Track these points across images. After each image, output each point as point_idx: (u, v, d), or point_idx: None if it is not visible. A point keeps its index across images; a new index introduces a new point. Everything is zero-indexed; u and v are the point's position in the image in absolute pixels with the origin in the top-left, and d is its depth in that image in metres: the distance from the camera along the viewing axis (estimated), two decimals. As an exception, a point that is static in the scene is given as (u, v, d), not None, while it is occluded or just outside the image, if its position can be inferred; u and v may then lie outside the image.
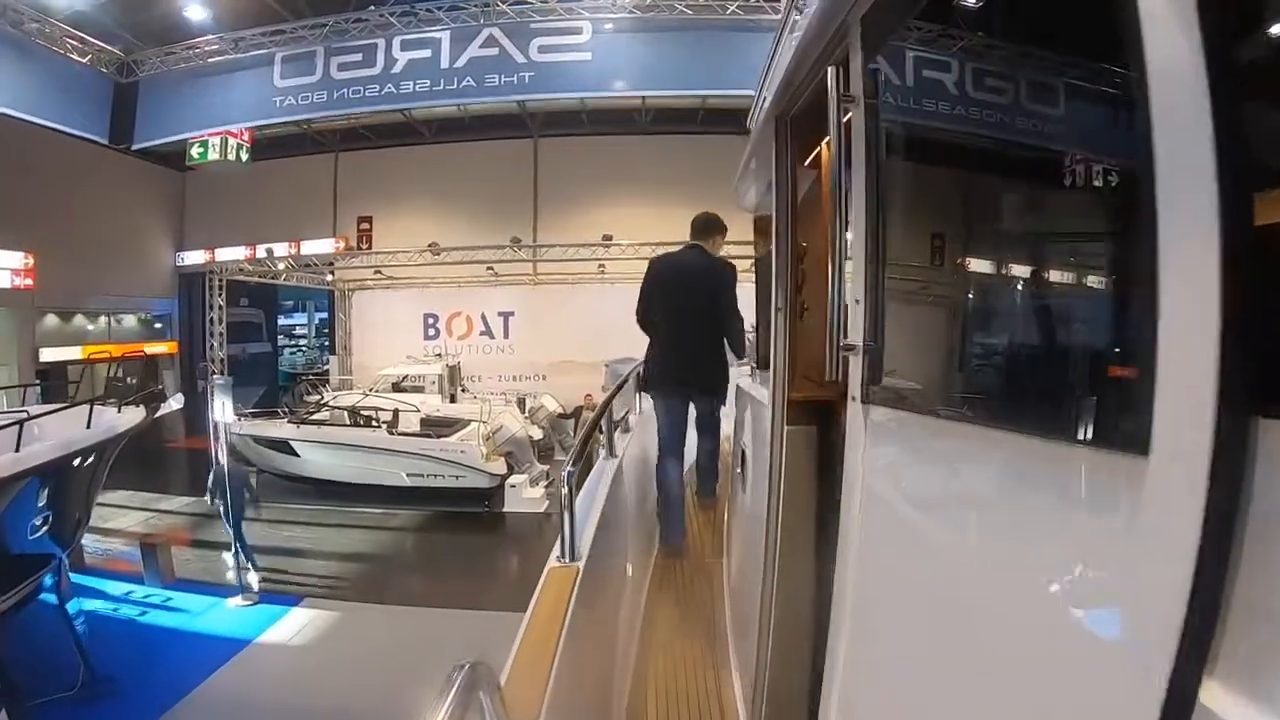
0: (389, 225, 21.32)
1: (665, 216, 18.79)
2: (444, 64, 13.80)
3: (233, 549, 11.61)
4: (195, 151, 15.77)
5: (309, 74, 14.37)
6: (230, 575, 11.74)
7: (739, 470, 3.57)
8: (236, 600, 11.36)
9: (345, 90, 14.15)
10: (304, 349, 35.48)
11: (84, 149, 18.58)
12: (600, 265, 19.43)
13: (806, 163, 2.63)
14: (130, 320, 22.60)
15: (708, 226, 4.67)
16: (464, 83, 13.79)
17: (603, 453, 3.90)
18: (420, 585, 12.75)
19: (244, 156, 15.89)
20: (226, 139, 15.53)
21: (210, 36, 14.78)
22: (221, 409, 11.49)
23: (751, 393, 3.26)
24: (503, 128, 20.56)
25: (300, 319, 37.69)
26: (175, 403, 13.20)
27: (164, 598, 11.79)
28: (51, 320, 19.75)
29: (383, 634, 10.15)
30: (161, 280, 22.86)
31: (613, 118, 19.62)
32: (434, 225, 20.17)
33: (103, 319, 21.54)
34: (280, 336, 34.17)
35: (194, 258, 21.85)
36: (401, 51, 14.03)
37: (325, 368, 23.46)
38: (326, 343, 27.18)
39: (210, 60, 14.77)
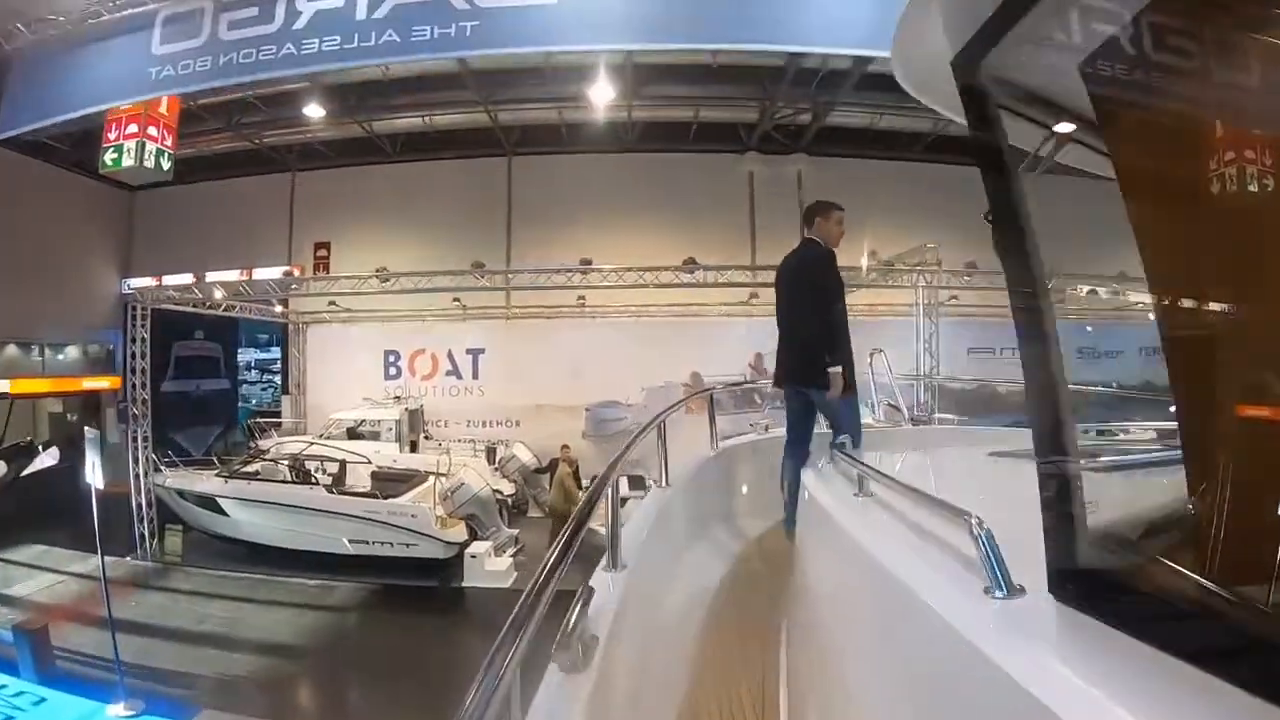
0: (348, 252, 19.41)
1: (653, 243, 17.36)
2: (360, 14, 11.10)
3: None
4: (109, 158, 13.54)
5: (193, 37, 11.81)
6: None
7: None
8: (118, 709, 9.18)
9: (235, 54, 11.52)
10: (275, 386, 34.07)
11: (16, 162, 16.78)
12: (580, 297, 17.46)
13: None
14: (73, 351, 20.63)
15: (809, 212, 4.65)
16: (385, 37, 11.09)
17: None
18: (353, 693, 10.52)
19: (165, 164, 13.62)
20: (144, 143, 13.24)
21: (85, -4, 12.39)
22: (92, 470, 9.30)
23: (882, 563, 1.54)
24: (472, 144, 18.85)
25: (276, 354, 36.31)
26: (49, 458, 11.03)
27: (36, 698, 9.69)
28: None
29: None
30: (105, 309, 21.03)
31: (594, 133, 17.79)
32: (396, 253, 18.24)
33: (35, 350, 19.53)
34: (253, 371, 33.06)
35: (140, 285, 19.92)
36: (307, 2, 11.48)
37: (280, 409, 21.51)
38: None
39: (86, 24, 12.34)
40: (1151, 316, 1.26)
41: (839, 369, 4.27)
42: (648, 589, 3.02)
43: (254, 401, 30.22)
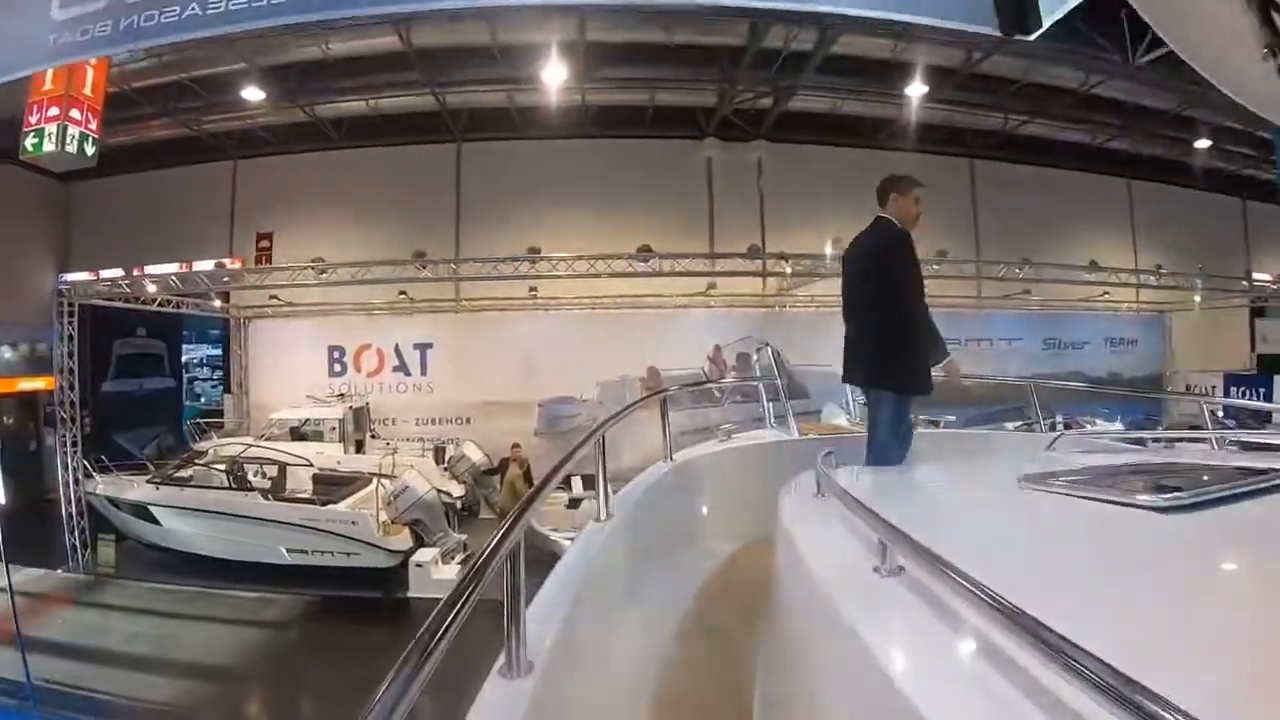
0: (291, 243, 18.47)
1: (608, 232, 16.86)
2: (273, -36, 10.23)
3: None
4: (29, 143, 12.64)
5: (93, 0, 10.98)
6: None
7: None
8: (32, 739, 8.63)
9: (137, 17, 10.56)
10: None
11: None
12: (531, 288, 16.82)
13: None
14: (9, 350, 19.64)
15: (883, 187, 4.06)
16: (300, -12, 10.17)
17: None
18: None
19: (89, 149, 12.71)
20: (66, 126, 12.37)
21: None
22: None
23: None
24: (420, 129, 18.03)
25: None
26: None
27: (-65, 731, 9.13)
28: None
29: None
30: (43, 306, 20.02)
31: (547, 118, 16.95)
32: (341, 243, 17.41)
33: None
34: (204, 368, 32.20)
35: (74, 279, 18.99)
36: (215, -47, 10.46)
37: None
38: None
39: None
40: None
41: (949, 359, 3.98)
42: (568, 704, 1.90)
43: (204, 400, 29.36)
